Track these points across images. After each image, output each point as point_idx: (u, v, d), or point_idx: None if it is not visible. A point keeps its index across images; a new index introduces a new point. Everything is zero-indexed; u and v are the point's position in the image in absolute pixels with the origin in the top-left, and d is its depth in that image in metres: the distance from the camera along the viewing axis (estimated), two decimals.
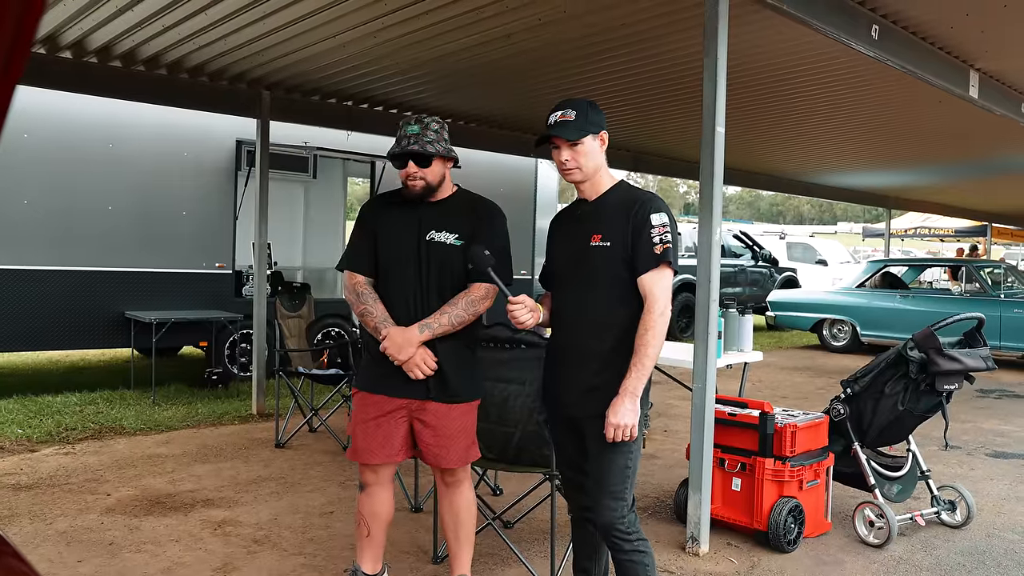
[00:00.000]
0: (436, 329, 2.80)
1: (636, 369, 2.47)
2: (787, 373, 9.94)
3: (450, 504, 3.02)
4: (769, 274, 15.33)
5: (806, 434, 3.99)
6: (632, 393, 2.45)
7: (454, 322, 2.81)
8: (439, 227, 2.87)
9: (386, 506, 3.00)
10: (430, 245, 2.86)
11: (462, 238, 2.86)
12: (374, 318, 2.85)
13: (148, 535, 3.92)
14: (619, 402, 2.45)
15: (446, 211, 2.91)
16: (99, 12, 4.81)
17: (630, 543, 2.56)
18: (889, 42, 4.70)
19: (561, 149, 2.60)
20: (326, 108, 7.24)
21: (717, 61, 3.72)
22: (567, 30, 4.99)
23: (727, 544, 3.93)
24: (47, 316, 6.91)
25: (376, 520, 2.98)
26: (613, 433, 2.44)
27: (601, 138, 2.62)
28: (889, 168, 11.40)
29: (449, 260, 2.86)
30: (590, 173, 2.62)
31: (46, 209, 6.89)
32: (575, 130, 2.56)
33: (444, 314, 2.81)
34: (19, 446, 5.55)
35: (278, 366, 6.03)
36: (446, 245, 2.86)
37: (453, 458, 2.89)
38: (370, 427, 2.88)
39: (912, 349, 4.00)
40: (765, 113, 7.43)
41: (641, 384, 2.47)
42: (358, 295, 2.89)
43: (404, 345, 2.77)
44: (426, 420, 2.87)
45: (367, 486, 2.97)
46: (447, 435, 2.87)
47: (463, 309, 2.83)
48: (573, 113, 2.59)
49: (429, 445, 2.88)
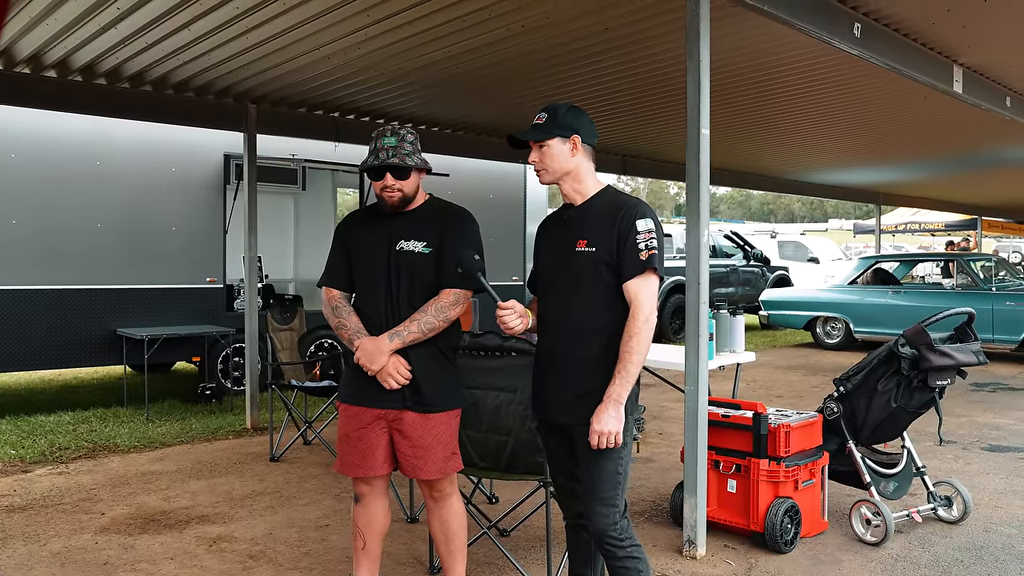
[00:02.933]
0: (406, 337, 2.79)
1: (620, 376, 2.46)
2: (781, 372, 9.95)
3: (439, 519, 3.01)
4: (761, 273, 15.36)
5: (800, 434, 3.99)
6: (616, 400, 2.45)
7: (424, 329, 2.81)
8: (407, 236, 2.88)
9: (381, 518, 2.99)
10: (399, 255, 2.86)
11: (430, 246, 2.86)
12: (348, 330, 2.86)
13: (143, 554, 3.90)
14: (603, 409, 2.45)
15: (415, 220, 2.91)
16: (83, 31, 4.80)
17: (623, 550, 2.55)
18: (872, 40, 4.72)
19: (532, 151, 2.64)
20: (313, 120, 7.23)
21: (700, 63, 3.73)
22: (551, 36, 5.00)
23: (724, 546, 3.93)
24: (38, 336, 6.87)
25: (371, 532, 2.97)
26: (597, 440, 2.44)
27: (572, 141, 2.61)
28: (878, 164, 11.44)
29: (418, 268, 2.86)
30: (557, 175, 2.63)
31: (35, 228, 6.87)
32: (541, 132, 2.60)
33: (414, 321, 2.81)
34: (12, 467, 5.52)
35: (271, 379, 6.01)
36: (414, 254, 2.86)
37: (430, 469, 2.87)
38: (352, 439, 2.89)
39: (903, 346, 4.01)
40: (751, 113, 7.45)
41: (625, 391, 2.46)
42: (333, 309, 2.92)
43: (375, 354, 2.77)
44: (403, 430, 2.86)
45: (361, 498, 2.97)
46: (423, 445, 2.85)
47: (433, 316, 2.82)
48: (544, 116, 2.62)
49: (406, 456, 2.87)
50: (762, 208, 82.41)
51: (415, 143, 2.91)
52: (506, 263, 10.20)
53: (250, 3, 4.34)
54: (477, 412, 3.44)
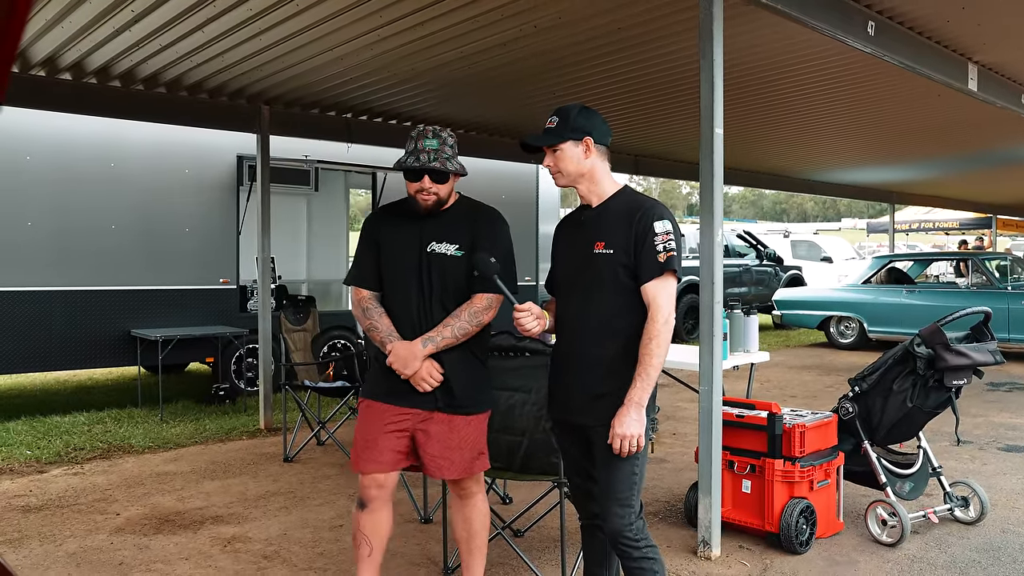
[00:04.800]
0: (439, 342, 2.77)
1: (641, 379, 2.45)
2: (795, 372, 9.91)
3: (464, 517, 2.99)
4: (774, 273, 15.29)
5: (815, 434, 3.96)
6: (637, 403, 2.44)
7: (457, 334, 2.78)
8: (439, 238, 2.83)
9: (387, 523, 2.94)
10: (431, 257, 2.82)
11: (463, 248, 2.83)
12: (379, 332, 2.82)
13: (158, 554, 3.91)
14: (624, 412, 2.44)
15: (447, 221, 2.87)
16: (97, 33, 4.83)
17: (639, 550, 2.54)
18: (886, 38, 4.69)
19: (546, 155, 2.64)
20: (326, 121, 7.25)
21: (713, 62, 3.71)
22: (564, 36, 4.99)
23: (739, 547, 3.91)
24: (53, 336, 6.92)
25: (378, 537, 2.91)
26: (619, 444, 2.43)
27: (585, 143, 2.59)
28: (891, 163, 11.37)
29: (451, 271, 2.82)
30: (572, 178, 2.62)
31: (50, 230, 6.92)
32: (552, 136, 2.59)
33: (447, 326, 2.78)
34: (28, 467, 5.56)
35: (284, 380, 6.03)
36: (446, 256, 2.82)
37: (454, 469, 2.85)
38: (371, 437, 2.85)
39: (919, 345, 3.98)
40: (765, 112, 7.42)
41: (646, 394, 2.46)
42: (364, 311, 2.87)
43: (409, 359, 2.75)
44: (430, 431, 2.83)
45: (370, 502, 2.89)
46: (451, 446, 2.83)
47: (466, 321, 2.80)
48: (556, 120, 2.61)
49: (432, 456, 2.83)
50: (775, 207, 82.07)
51: (455, 147, 2.87)
52: (519, 264, 10.15)
53: (263, 5, 4.35)
54: (493, 412, 3.43)
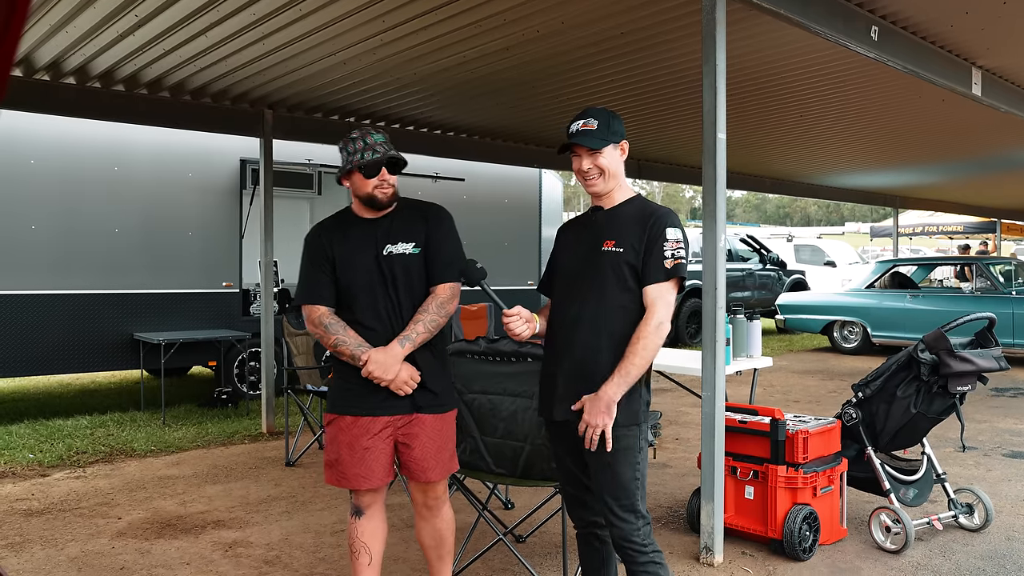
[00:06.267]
0: (416, 339, 2.75)
1: (619, 374, 2.42)
2: (799, 376, 9.88)
3: (433, 528, 2.95)
4: (778, 277, 15.26)
5: (818, 440, 3.95)
6: (609, 398, 2.40)
7: (430, 327, 2.78)
8: (394, 239, 2.83)
9: (383, 530, 2.93)
10: (391, 259, 2.81)
11: (418, 245, 2.83)
12: (348, 346, 2.75)
13: (159, 559, 3.91)
14: (594, 400, 2.41)
15: (397, 222, 2.86)
16: (101, 38, 4.84)
17: (645, 555, 2.53)
18: (889, 43, 4.68)
19: (582, 158, 2.59)
20: (329, 125, 7.26)
21: (716, 67, 3.71)
22: (566, 41, 4.99)
23: (742, 553, 3.89)
24: (56, 340, 6.93)
25: (376, 542, 2.90)
26: (585, 431, 2.42)
27: (622, 148, 2.62)
28: (895, 167, 11.35)
29: (412, 268, 2.82)
30: (611, 182, 2.61)
31: (53, 233, 6.93)
32: (597, 139, 2.56)
33: (419, 322, 2.77)
34: (31, 471, 5.56)
35: (286, 384, 6.03)
36: (405, 255, 2.82)
37: (439, 469, 2.84)
38: (358, 451, 2.78)
39: (923, 351, 3.96)
40: (767, 117, 7.41)
41: (621, 390, 2.42)
42: (325, 327, 2.79)
43: (390, 364, 2.71)
44: (413, 433, 2.80)
45: (365, 510, 2.86)
46: (434, 447, 2.82)
47: (435, 313, 2.79)
48: (595, 122, 2.57)
49: (416, 460, 2.80)
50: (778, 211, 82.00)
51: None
52: (521, 267, 10.19)
53: (266, 10, 4.36)
54: (493, 417, 3.43)
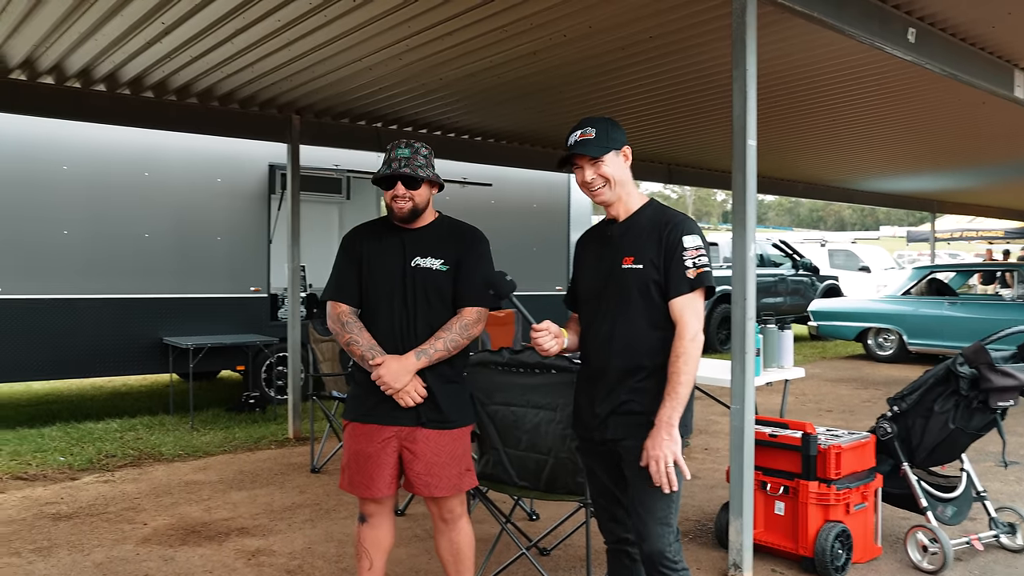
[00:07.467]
0: (432, 355, 2.76)
1: (670, 398, 2.37)
2: (831, 385, 9.69)
3: (450, 542, 2.95)
4: (810, 283, 15.02)
5: (852, 455, 3.83)
6: (668, 423, 2.36)
7: (449, 347, 2.78)
8: (423, 253, 2.84)
9: (388, 537, 2.96)
10: (416, 271, 2.82)
11: (448, 263, 2.84)
12: (360, 347, 2.80)
13: (182, 566, 3.90)
14: (655, 433, 2.36)
15: (430, 237, 2.89)
16: (129, 45, 4.88)
17: (676, 572, 2.47)
18: (927, 45, 4.55)
19: (584, 169, 2.54)
20: (356, 130, 7.26)
21: (747, 72, 3.61)
22: (594, 45, 4.92)
23: (771, 571, 3.79)
24: (87, 344, 7.01)
25: (379, 551, 2.94)
26: (655, 467, 2.35)
27: (624, 153, 2.56)
28: (932, 171, 11.10)
29: (435, 285, 2.82)
30: (618, 191, 2.55)
31: (85, 238, 7.01)
32: (596, 147, 2.51)
33: (439, 339, 2.78)
34: (61, 474, 5.61)
35: (312, 390, 6.03)
36: (432, 271, 2.83)
37: (444, 486, 2.82)
38: (362, 458, 2.84)
39: (962, 365, 3.83)
40: (799, 121, 7.27)
41: (677, 413, 2.38)
42: (343, 324, 2.85)
43: (400, 373, 2.73)
44: (415, 448, 2.81)
45: (369, 518, 2.93)
46: (438, 463, 2.81)
47: (458, 334, 2.80)
48: (593, 131, 2.53)
49: (419, 474, 2.81)
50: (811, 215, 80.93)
51: (428, 157, 2.88)
52: (549, 273, 10.12)
53: (292, 16, 4.35)
54: (516, 430, 3.37)
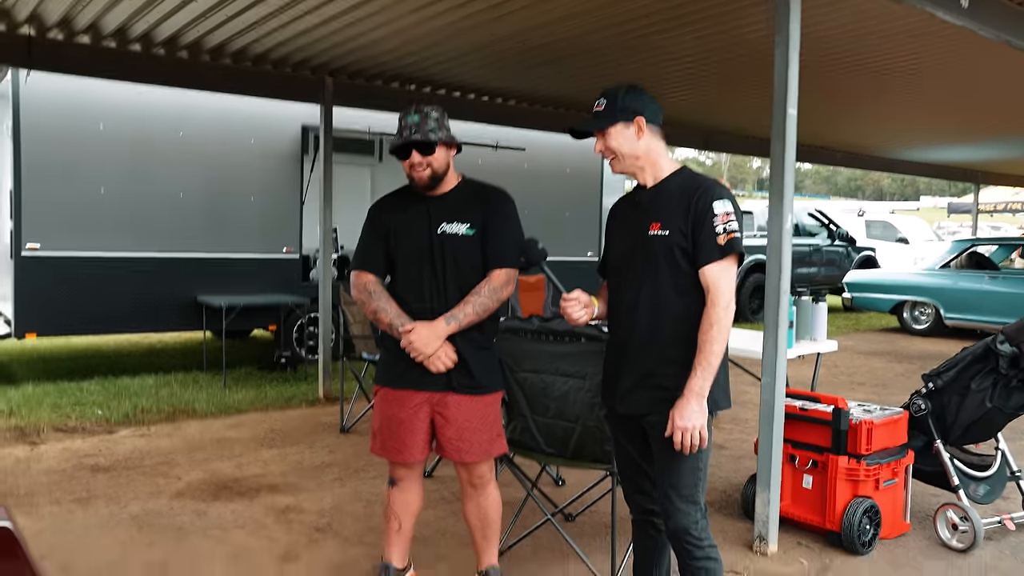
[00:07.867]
0: (462, 320, 2.76)
1: (701, 367, 2.34)
2: (865, 358, 9.57)
3: (477, 507, 2.98)
4: (846, 253, 14.76)
5: (883, 431, 3.78)
6: (698, 393, 2.33)
7: (479, 311, 2.78)
8: (450, 218, 2.83)
9: (417, 500, 3.01)
10: (443, 238, 2.82)
11: (474, 227, 2.82)
12: (388, 315, 2.81)
13: (215, 520, 4.00)
14: (684, 403, 2.33)
15: (455, 202, 2.87)
16: (163, 5, 4.87)
17: (701, 550, 2.46)
18: (981, 10, 4.37)
19: (597, 139, 2.56)
20: (389, 92, 7.22)
21: (789, 37, 3.51)
22: (631, 8, 4.81)
23: (797, 544, 3.78)
24: (124, 300, 7.14)
25: (407, 514, 2.99)
26: (680, 437, 2.33)
27: (637, 123, 2.49)
28: (977, 141, 10.78)
29: (463, 251, 2.81)
30: (629, 161, 2.53)
31: (122, 197, 7.10)
32: (602, 120, 2.51)
33: (468, 304, 2.78)
34: (99, 427, 5.75)
35: (343, 352, 6.08)
36: (459, 236, 2.82)
37: (475, 451, 2.85)
38: (394, 423, 2.87)
39: (1002, 343, 3.74)
40: (841, 87, 7.08)
41: (707, 383, 2.35)
42: (370, 293, 2.86)
43: (431, 339, 2.74)
44: (447, 413, 2.83)
45: (399, 481, 2.97)
46: (469, 428, 2.83)
47: (487, 297, 2.79)
48: (603, 102, 2.52)
49: (450, 439, 2.84)
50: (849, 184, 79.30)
51: (440, 119, 2.84)
52: (582, 238, 10.06)
53: None
54: (545, 397, 3.37)
